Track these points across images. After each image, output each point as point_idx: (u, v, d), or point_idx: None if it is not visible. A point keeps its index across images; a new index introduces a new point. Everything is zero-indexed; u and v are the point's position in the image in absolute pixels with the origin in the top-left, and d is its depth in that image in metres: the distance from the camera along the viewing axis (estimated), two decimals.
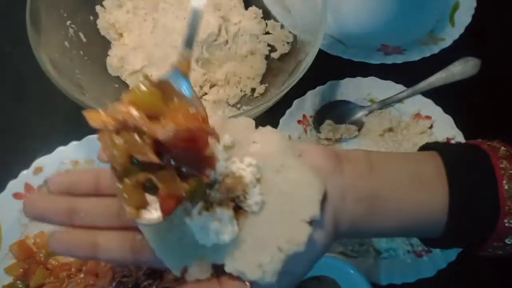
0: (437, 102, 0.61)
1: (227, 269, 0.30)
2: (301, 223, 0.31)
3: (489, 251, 0.36)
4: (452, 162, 0.35)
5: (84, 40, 0.59)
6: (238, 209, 0.31)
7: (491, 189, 0.34)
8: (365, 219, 0.34)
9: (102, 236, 0.32)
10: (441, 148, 0.37)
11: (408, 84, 0.62)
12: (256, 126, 0.35)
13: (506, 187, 0.33)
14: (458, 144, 0.40)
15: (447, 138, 0.60)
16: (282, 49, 0.63)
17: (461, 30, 0.66)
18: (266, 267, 0.30)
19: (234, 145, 0.32)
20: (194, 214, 0.30)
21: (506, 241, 0.34)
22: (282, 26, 0.64)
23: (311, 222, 0.31)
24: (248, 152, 0.32)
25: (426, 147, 0.40)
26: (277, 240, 0.30)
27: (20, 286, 0.50)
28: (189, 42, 0.38)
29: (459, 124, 0.60)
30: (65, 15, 0.57)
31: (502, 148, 0.36)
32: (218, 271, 0.31)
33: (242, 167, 0.31)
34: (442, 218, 0.34)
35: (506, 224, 0.33)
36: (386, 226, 0.35)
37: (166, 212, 0.27)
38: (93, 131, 0.27)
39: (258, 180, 0.31)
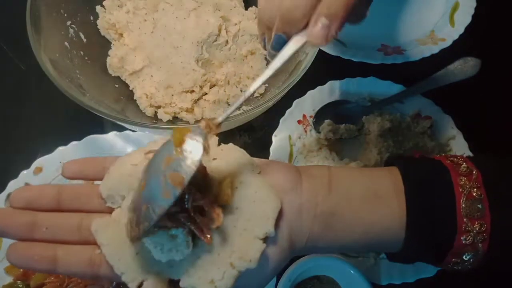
0: (437, 102, 0.61)
1: (182, 284, 0.31)
2: (254, 240, 0.31)
3: (448, 266, 0.36)
4: (411, 179, 0.35)
5: (84, 40, 0.59)
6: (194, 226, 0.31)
7: (448, 207, 0.34)
8: (322, 235, 0.35)
9: (61, 250, 0.33)
10: (402, 164, 0.37)
11: (408, 84, 0.62)
12: (219, 144, 0.36)
13: (463, 205, 0.34)
14: (421, 159, 0.40)
15: (448, 138, 0.60)
16: None
17: (461, 30, 0.65)
18: (218, 283, 0.30)
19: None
20: (149, 231, 0.30)
21: (464, 257, 0.35)
22: None
23: (265, 239, 0.32)
24: (209, 168, 0.33)
25: (389, 162, 0.40)
26: (230, 257, 0.31)
27: (20, 286, 0.50)
28: None
29: (459, 124, 0.60)
30: (65, 15, 0.57)
31: (464, 164, 0.36)
32: (175, 286, 0.32)
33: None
34: (399, 234, 0.35)
35: (463, 242, 0.34)
36: (343, 242, 0.35)
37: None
38: (92, 131, 0.27)
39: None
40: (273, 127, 0.59)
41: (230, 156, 0.35)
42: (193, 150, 0.29)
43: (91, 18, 0.61)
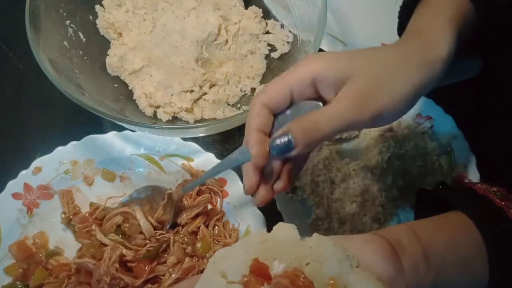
0: (438, 102, 0.61)
1: None
2: None
3: None
4: (489, 241, 0.35)
5: (84, 39, 0.59)
6: None
7: None
8: None
9: None
10: (470, 212, 0.37)
11: None
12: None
13: None
14: (483, 203, 0.39)
15: (449, 138, 0.60)
16: (282, 48, 0.63)
17: None
18: None
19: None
20: None
21: None
22: (282, 26, 0.64)
23: None
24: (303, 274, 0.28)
25: (445, 195, 0.40)
26: None
27: (20, 286, 0.50)
28: None
29: (460, 124, 0.60)
30: (64, 14, 0.57)
31: None
32: None
33: None
34: None
35: None
36: None
37: None
38: (91, 131, 0.27)
39: None
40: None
41: (319, 252, 0.30)
42: None
43: (90, 17, 0.61)
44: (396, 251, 0.32)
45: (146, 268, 0.48)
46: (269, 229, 0.32)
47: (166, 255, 0.49)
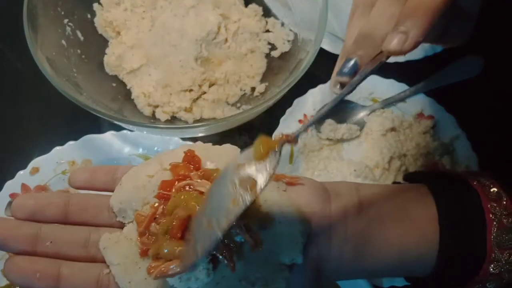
0: (440, 102, 0.60)
1: None
2: (280, 267, 0.29)
3: None
4: (444, 205, 0.34)
5: (82, 38, 0.59)
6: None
7: (479, 236, 0.33)
8: (350, 262, 0.33)
9: (66, 267, 0.30)
10: (431, 183, 0.36)
11: (410, 83, 0.61)
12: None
13: (494, 234, 0.33)
14: (447, 177, 0.38)
15: (451, 138, 0.59)
16: (283, 47, 0.62)
17: None
18: None
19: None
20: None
21: (487, 285, 0.34)
22: (282, 24, 0.63)
23: (291, 266, 0.29)
24: None
25: (412, 178, 0.38)
26: (253, 285, 0.28)
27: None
28: None
29: (462, 124, 0.59)
30: (62, 13, 0.56)
31: (493, 189, 0.35)
32: None
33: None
34: (429, 262, 0.34)
35: (490, 270, 0.33)
36: (373, 270, 0.34)
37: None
38: (89, 130, 0.26)
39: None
40: (273, 126, 0.58)
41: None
42: (269, 160, 0.27)
43: (89, 16, 0.61)
44: (329, 194, 0.33)
45: None
46: None
47: None
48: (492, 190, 0.35)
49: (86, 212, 0.32)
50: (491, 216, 0.33)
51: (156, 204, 0.30)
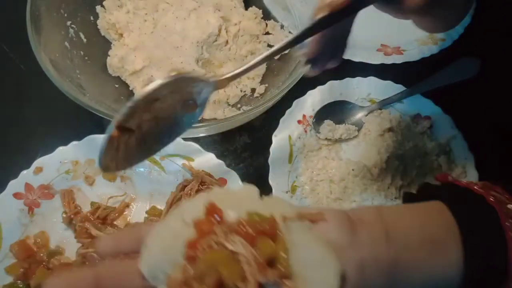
0: (436, 102, 0.61)
1: None
2: None
3: None
4: (465, 224, 0.34)
5: (84, 40, 0.59)
6: None
7: (501, 255, 0.33)
8: None
9: None
10: (448, 200, 0.36)
11: (407, 84, 0.62)
12: (260, 195, 0.32)
13: None
14: (463, 192, 0.38)
15: (447, 138, 0.60)
16: None
17: (461, 30, 0.65)
18: None
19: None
20: None
21: None
22: (282, 27, 0.64)
23: None
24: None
25: (429, 193, 0.39)
26: None
27: (21, 286, 0.50)
28: None
29: (459, 124, 0.60)
30: (65, 15, 0.57)
31: (509, 205, 0.35)
32: None
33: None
34: (455, 282, 0.34)
35: None
36: None
37: None
38: (92, 131, 0.27)
39: None
40: (273, 127, 0.59)
41: (276, 210, 0.30)
42: None
43: (91, 18, 0.61)
44: (354, 224, 0.32)
45: None
46: None
47: None
48: (508, 206, 0.35)
49: (119, 282, 0.32)
50: (510, 233, 0.33)
51: (185, 266, 0.29)
